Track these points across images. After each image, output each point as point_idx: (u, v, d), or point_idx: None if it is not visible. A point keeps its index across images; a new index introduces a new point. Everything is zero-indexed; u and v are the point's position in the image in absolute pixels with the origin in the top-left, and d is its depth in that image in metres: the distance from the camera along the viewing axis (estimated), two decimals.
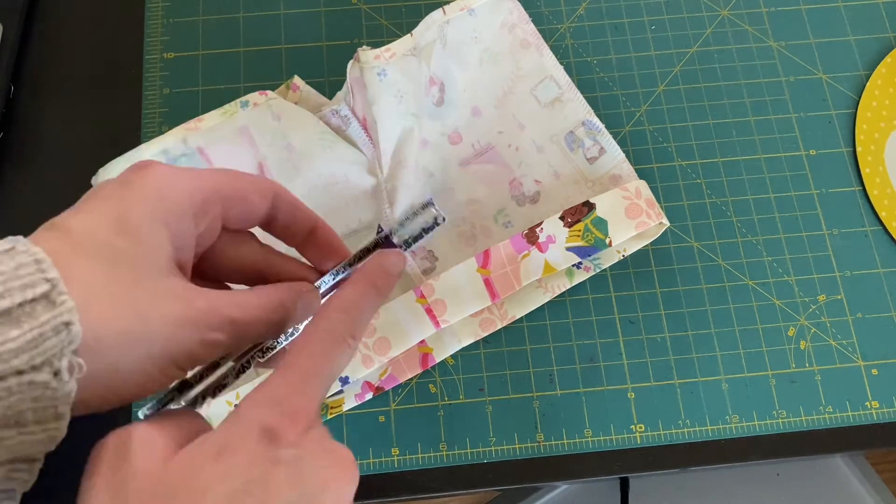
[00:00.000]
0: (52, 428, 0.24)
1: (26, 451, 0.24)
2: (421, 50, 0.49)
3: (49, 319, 0.22)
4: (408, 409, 0.48)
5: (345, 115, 0.50)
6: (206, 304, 0.27)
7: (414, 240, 0.35)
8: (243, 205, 0.30)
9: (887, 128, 0.54)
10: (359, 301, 0.30)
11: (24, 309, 0.22)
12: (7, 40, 0.53)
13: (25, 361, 0.22)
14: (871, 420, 0.48)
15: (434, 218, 0.35)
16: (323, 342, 0.28)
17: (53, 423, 0.23)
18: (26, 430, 0.23)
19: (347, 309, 0.29)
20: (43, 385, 0.22)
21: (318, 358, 0.28)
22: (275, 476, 0.23)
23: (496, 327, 0.48)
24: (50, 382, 0.22)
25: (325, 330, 0.28)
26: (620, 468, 0.47)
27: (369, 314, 0.30)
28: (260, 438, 0.24)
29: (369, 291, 0.30)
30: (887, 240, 0.52)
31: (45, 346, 0.22)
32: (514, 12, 0.53)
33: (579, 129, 0.51)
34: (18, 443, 0.23)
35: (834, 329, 0.50)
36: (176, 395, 0.31)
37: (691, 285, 0.50)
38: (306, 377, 0.27)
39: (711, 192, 0.52)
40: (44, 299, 0.22)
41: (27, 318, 0.22)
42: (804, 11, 0.57)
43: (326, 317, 0.29)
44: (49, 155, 0.53)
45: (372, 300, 0.31)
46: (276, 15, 0.56)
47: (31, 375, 0.22)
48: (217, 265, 0.32)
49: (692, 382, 0.48)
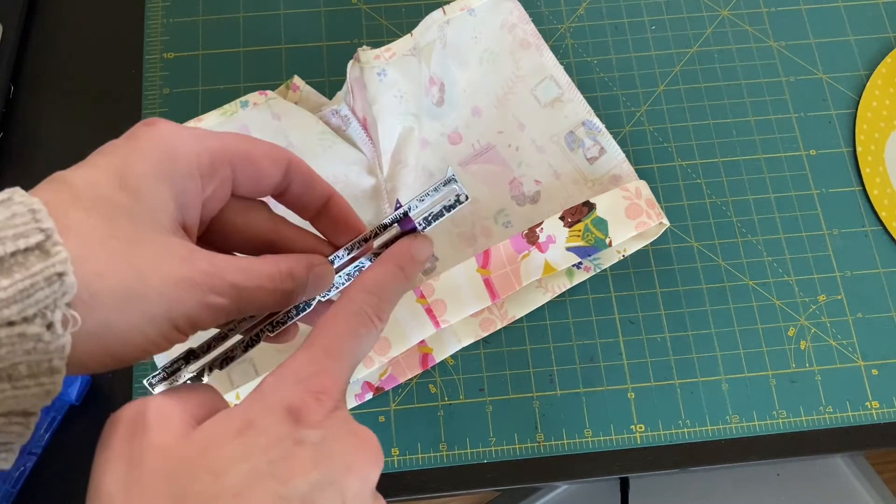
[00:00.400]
0: (48, 383, 0.23)
1: (21, 404, 0.23)
2: (421, 50, 0.49)
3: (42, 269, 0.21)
4: (408, 409, 0.48)
5: (345, 115, 0.50)
6: (209, 266, 0.26)
7: (434, 218, 0.33)
8: (254, 170, 0.30)
9: (887, 128, 0.54)
10: (387, 283, 0.29)
11: (16, 259, 0.21)
12: (7, 40, 0.53)
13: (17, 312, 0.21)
14: (871, 420, 0.48)
15: (457, 196, 0.33)
16: (350, 322, 0.27)
17: (48, 378, 0.23)
18: (20, 385, 0.22)
19: (375, 290, 0.29)
20: (35, 337, 0.22)
21: (345, 337, 0.27)
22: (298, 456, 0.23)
23: (496, 327, 0.48)
24: (42, 335, 0.22)
25: (352, 310, 0.28)
26: (620, 468, 0.47)
27: (396, 297, 0.30)
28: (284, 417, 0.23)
29: (397, 274, 0.30)
30: (887, 240, 0.52)
31: (38, 297, 0.21)
32: (515, 12, 0.53)
33: (579, 129, 0.51)
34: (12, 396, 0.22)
35: (834, 329, 0.50)
36: (182, 364, 0.30)
37: (691, 285, 0.50)
38: (333, 356, 0.26)
39: (711, 192, 0.52)
40: (37, 249, 0.22)
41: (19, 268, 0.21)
42: (804, 11, 0.57)
43: (353, 297, 0.28)
44: (49, 155, 0.53)
45: (400, 283, 0.30)
46: (276, 15, 0.56)
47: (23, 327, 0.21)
48: (225, 233, 0.31)
49: (692, 382, 0.48)
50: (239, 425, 0.23)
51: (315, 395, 0.24)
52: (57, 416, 0.46)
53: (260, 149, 0.30)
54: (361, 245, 0.32)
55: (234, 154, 0.29)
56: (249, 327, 0.31)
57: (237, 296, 0.27)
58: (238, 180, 0.30)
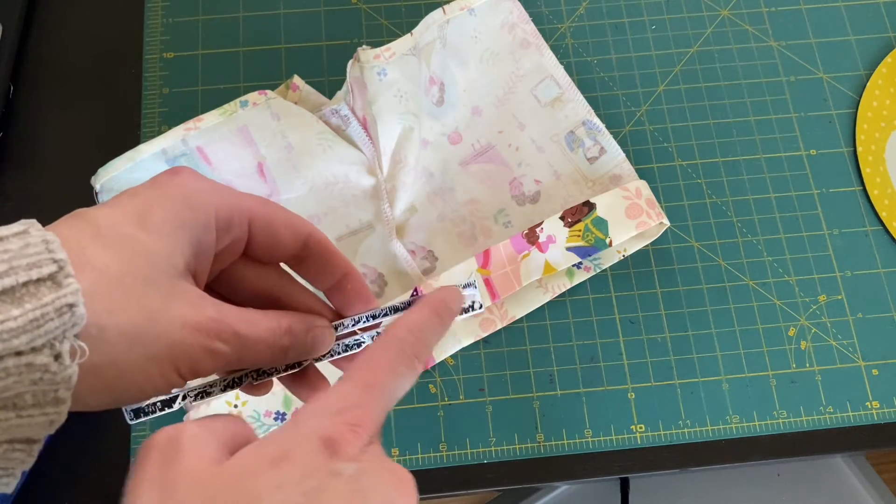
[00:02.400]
0: (52, 413, 0.23)
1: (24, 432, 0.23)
2: (421, 49, 0.49)
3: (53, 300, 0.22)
4: (408, 409, 0.48)
5: (345, 114, 0.49)
6: (216, 313, 0.27)
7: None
8: (271, 237, 0.30)
9: (888, 128, 0.54)
10: (425, 326, 0.29)
11: (28, 289, 0.22)
12: (7, 40, 0.53)
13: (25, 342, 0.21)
14: (871, 420, 0.48)
15: (472, 303, 0.33)
16: (391, 357, 0.27)
17: (53, 408, 0.23)
18: (24, 414, 0.22)
19: (416, 331, 0.29)
20: (42, 368, 0.22)
21: (386, 372, 0.27)
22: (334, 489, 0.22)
23: (496, 327, 0.48)
24: (50, 365, 0.22)
25: (395, 347, 0.28)
26: (620, 468, 0.47)
27: (433, 342, 0.30)
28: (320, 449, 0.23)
29: (434, 319, 0.30)
30: (888, 240, 0.52)
31: (47, 328, 0.22)
32: (515, 12, 0.53)
33: (579, 128, 0.51)
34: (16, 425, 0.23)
35: (834, 329, 0.50)
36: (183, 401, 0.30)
37: (692, 285, 0.50)
38: (371, 391, 0.26)
39: (712, 192, 0.52)
40: (49, 280, 0.22)
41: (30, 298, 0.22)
42: (804, 11, 0.57)
43: (398, 334, 0.28)
44: (49, 155, 0.53)
45: (436, 328, 0.30)
46: (275, 15, 0.56)
47: (31, 357, 0.22)
48: (233, 285, 0.31)
49: (692, 382, 0.48)
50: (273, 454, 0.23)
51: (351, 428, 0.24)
52: None
53: (282, 217, 0.30)
54: (369, 321, 0.32)
55: (254, 216, 0.29)
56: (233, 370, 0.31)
57: (239, 345, 0.27)
58: (253, 242, 0.30)
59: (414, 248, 0.50)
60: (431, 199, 0.51)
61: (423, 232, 0.50)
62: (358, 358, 0.28)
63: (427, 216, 0.50)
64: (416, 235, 0.50)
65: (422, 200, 0.51)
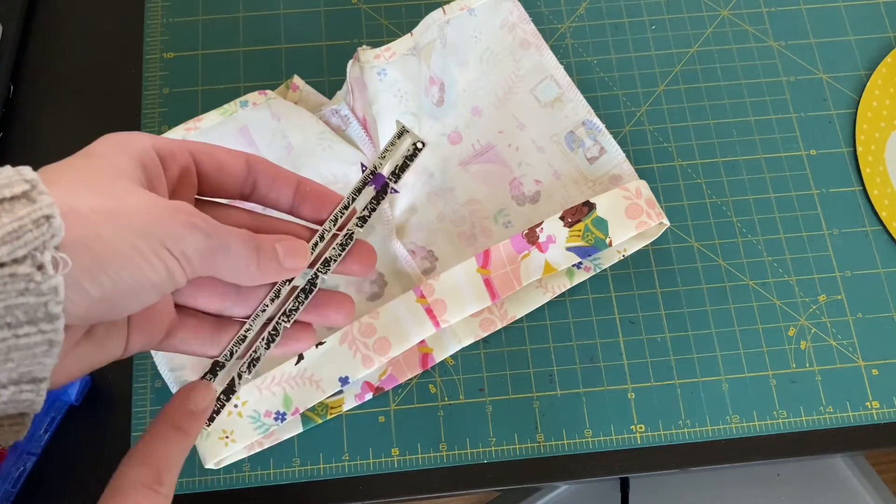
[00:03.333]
0: (48, 330, 0.23)
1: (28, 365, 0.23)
2: (421, 49, 0.49)
3: (29, 213, 0.22)
4: (408, 409, 0.48)
5: (345, 114, 0.50)
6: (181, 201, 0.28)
7: (401, 170, 0.34)
8: (214, 160, 0.31)
9: (888, 128, 0.54)
10: (163, 448, 0.29)
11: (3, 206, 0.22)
12: (7, 40, 0.53)
13: (6, 253, 0.22)
14: (871, 420, 0.48)
15: (414, 144, 0.34)
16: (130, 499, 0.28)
17: (47, 325, 0.23)
18: (21, 333, 0.23)
19: (150, 462, 0.29)
20: (26, 278, 0.22)
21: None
22: None
23: (496, 327, 0.48)
24: (33, 275, 0.22)
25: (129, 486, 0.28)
26: (620, 468, 0.47)
27: (180, 458, 0.30)
28: None
29: (174, 435, 0.30)
30: (887, 240, 0.52)
31: (26, 239, 0.22)
32: (515, 12, 0.53)
33: (579, 128, 0.51)
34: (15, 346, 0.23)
35: (834, 329, 0.50)
36: (210, 377, 0.31)
37: (691, 285, 0.50)
38: None
39: (712, 192, 0.52)
40: (24, 198, 0.23)
41: (6, 214, 0.22)
42: (804, 11, 0.57)
43: (124, 472, 0.29)
44: (49, 155, 0.52)
45: (180, 443, 0.30)
46: (276, 15, 0.56)
47: (13, 268, 0.22)
48: None
49: (692, 382, 0.48)
50: None
51: None
52: (56, 416, 0.46)
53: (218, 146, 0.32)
54: (343, 213, 0.33)
55: (190, 146, 0.31)
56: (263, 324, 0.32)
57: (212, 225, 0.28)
58: (202, 172, 0.31)
59: (414, 248, 0.50)
60: (431, 199, 0.51)
61: (423, 232, 0.50)
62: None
63: (427, 216, 0.50)
64: (416, 235, 0.50)
65: (422, 200, 0.51)
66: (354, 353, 0.44)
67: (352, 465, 0.46)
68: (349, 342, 0.45)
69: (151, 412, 0.47)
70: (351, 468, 0.46)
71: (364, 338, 0.45)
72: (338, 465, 0.46)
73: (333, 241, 0.33)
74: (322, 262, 0.33)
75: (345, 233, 0.33)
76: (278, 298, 0.32)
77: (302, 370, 0.45)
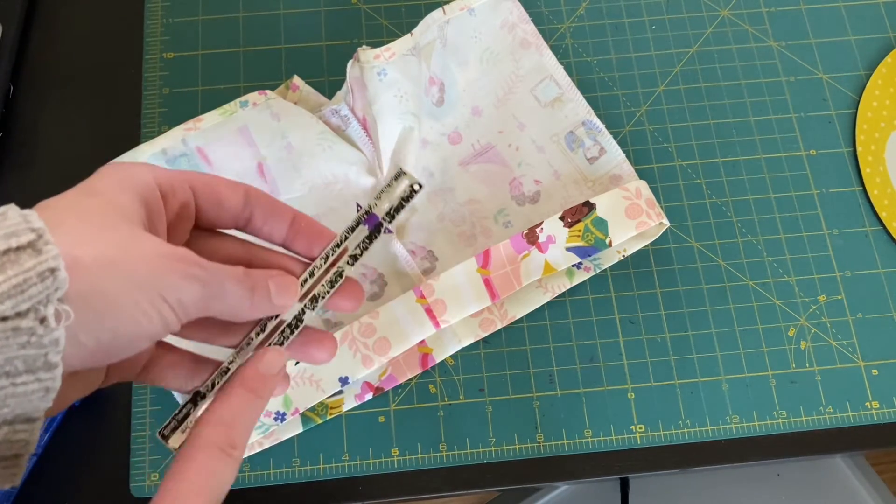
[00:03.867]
0: (46, 378, 0.23)
1: (23, 407, 0.24)
2: (421, 49, 0.49)
3: (34, 265, 0.22)
4: (408, 409, 0.48)
5: (344, 114, 0.50)
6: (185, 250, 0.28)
7: (396, 211, 0.34)
8: (213, 193, 0.31)
9: (888, 128, 0.54)
10: (236, 410, 0.30)
11: (8, 257, 0.22)
12: (7, 40, 0.53)
13: (10, 307, 0.22)
14: (871, 420, 0.48)
15: (410, 186, 0.34)
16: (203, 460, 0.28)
17: (46, 373, 0.23)
18: (19, 381, 0.23)
19: (224, 421, 0.29)
20: (28, 331, 0.22)
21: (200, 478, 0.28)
22: None
23: (496, 327, 0.48)
24: (35, 328, 0.22)
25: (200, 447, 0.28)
26: (620, 468, 0.47)
27: (252, 421, 0.30)
28: None
29: (246, 398, 0.30)
30: (887, 240, 0.52)
31: (31, 293, 0.22)
32: (515, 12, 0.53)
33: (579, 129, 0.51)
34: (12, 394, 0.23)
35: (834, 329, 0.50)
36: (191, 407, 0.31)
37: (691, 285, 0.50)
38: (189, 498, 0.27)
39: (711, 192, 0.52)
40: (30, 248, 0.23)
41: (11, 265, 0.22)
42: (804, 11, 0.57)
43: (201, 433, 0.29)
44: (49, 155, 0.53)
45: (252, 406, 0.30)
46: (276, 15, 0.56)
47: (16, 322, 0.22)
48: None
49: (692, 383, 0.48)
50: None
51: None
52: (56, 416, 0.46)
53: (218, 178, 0.32)
54: (335, 251, 0.33)
55: (191, 179, 0.30)
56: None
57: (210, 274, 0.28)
58: (201, 205, 0.31)
59: (414, 248, 0.50)
60: (431, 199, 0.51)
61: (423, 232, 0.50)
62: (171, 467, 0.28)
63: (427, 216, 0.50)
64: (416, 235, 0.50)
65: (422, 200, 0.51)
66: (354, 353, 0.44)
67: (352, 465, 0.46)
68: (349, 342, 0.45)
69: (151, 412, 0.47)
70: (351, 468, 0.46)
71: (364, 338, 0.45)
72: (338, 466, 0.46)
73: (323, 278, 0.33)
74: (310, 298, 0.32)
75: (335, 270, 0.33)
76: (264, 332, 0.32)
77: (302, 370, 0.45)
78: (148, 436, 0.46)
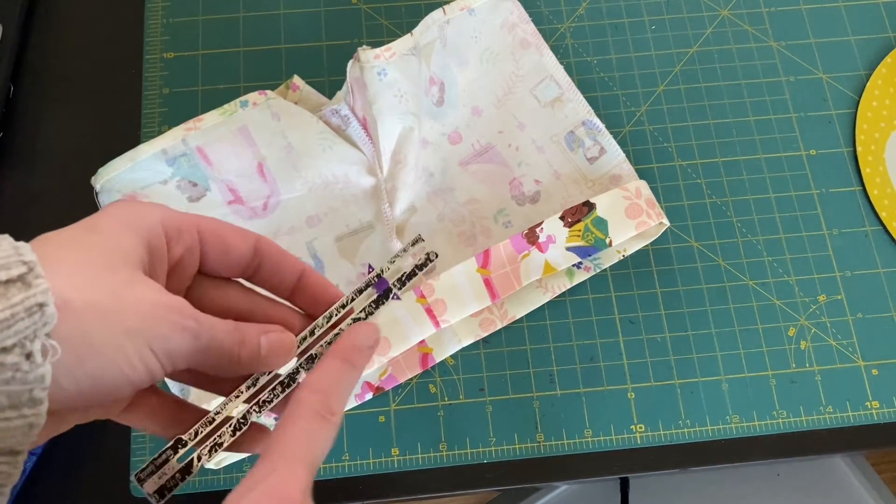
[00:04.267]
0: (30, 414, 0.23)
1: (6, 441, 0.23)
2: (421, 49, 0.49)
3: (22, 300, 0.22)
4: (408, 409, 0.48)
5: (345, 114, 0.50)
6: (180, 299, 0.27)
7: (407, 278, 0.33)
8: (222, 242, 0.30)
9: (888, 128, 0.54)
10: (334, 378, 0.30)
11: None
12: (7, 40, 0.53)
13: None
14: (871, 420, 0.48)
15: (426, 255, 0.34)
16: (301, 424, 0.28)
17: (30, 409, 0.23)
18: (2, 416, 0.22)
19: (323, 388, 0.29)
20: (13, 367, 0.22)
21: (301, 441, 0.28)
22: None
23: (496, 327, 0.48)
24: (21, 364, 0.22)
25: (301, 412, 0.28)
26: (620, 468, 0.47)
27: (348, 389, 0.30)
28: None
29: (343, 367, 0.30)
30: (887, 240, 0.52)
31: (18, 328, 0.22)
32: (515, 12, 0.53)
33: (579, 128, 0.51)
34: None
35: (834, 329, 0.50)
36: (170, 454, 0.30)
37: (691, 285, 0.50)
38: (290, 461, 0.27)
39: (711, 192, 0.52)
40: (19, 281, 0.22)
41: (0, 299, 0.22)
42: (804, 11, 0.57)
43: (301, 398, 0.29)
44: (49, 155, 0.53)
45: (348, 375, 0.30)
46: (276, 15, 0.56)
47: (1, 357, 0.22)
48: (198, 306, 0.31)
49: (692, 382, 0.48)
50: None
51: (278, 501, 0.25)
52: None
53: (229, 226, 0.31)
54: (340, 311, 0.33)
55: (201, 225, 0.30)
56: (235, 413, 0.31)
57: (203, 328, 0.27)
58: (207, 252, 0.30)
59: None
60: (431, 199, 0.51)
61: (423, 232, 0.50)
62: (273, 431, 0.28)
63: (427, 216, 0.50)
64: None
65: (422, 200, 0.51)
66: None
67: (352, 465, 0.46)
68: None
69: None
70: (351, 468, 0.46)
71: None
72: (338, 465, 0.46)
73: (324, 337, 0.32)
74: (307, 357, 0.32)
75: (335, 332, 0.32)
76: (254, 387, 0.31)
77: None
78: (148, 436, 0.46)
